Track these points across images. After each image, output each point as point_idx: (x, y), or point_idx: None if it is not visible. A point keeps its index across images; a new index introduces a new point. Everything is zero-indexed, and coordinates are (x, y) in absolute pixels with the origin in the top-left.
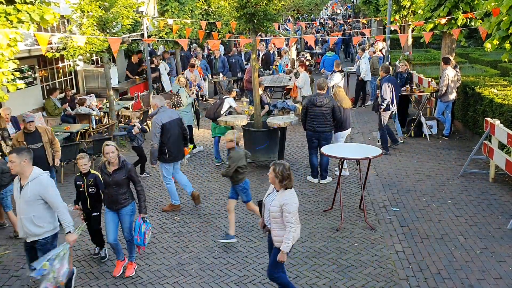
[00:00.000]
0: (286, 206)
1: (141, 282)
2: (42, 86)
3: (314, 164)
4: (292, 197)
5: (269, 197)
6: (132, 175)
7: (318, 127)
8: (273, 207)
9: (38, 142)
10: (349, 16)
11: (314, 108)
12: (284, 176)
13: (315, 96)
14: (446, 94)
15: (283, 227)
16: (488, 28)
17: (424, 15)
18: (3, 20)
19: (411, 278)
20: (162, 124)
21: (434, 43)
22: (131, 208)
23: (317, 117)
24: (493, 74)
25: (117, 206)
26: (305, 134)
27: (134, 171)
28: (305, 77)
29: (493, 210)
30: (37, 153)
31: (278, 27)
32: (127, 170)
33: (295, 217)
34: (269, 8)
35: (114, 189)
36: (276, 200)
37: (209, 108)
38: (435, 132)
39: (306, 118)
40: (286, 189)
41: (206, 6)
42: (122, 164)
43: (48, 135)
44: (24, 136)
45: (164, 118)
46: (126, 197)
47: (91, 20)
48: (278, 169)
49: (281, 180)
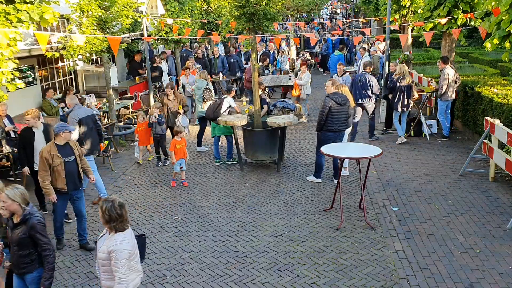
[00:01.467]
0: (114, 254)
1: (141, 281)
2: (41, 85)
3: (323, 165)
4: (123, 242)
5: (101, 239)
6: (34, 234)
7: (341, 126)
8: (100, 253)
9: (70, 155)
10: (349, 16)
11: (339, 107)
12: (112, 216)
13: (336, 95)
14: (446, 93)
15: (113, 277)
16: (488, 28)
17: (424, 14)
18: (3, 20)
19: (411, 277)
20: (79, 119)
21: (434, 43)
22: (38, 275)
23: (340, 116)
24: (493, 73)
25: (19, 270)
26: (321, 136)
27: (39, 229)
28: (308, 76)
29: (493, 210)
30: (69, 167)
31: (277, 27)
32: (29, 227)
33: (125, 267)
34: (269, 7)
35: (14, 248)
36: (105, 245)
37: (208, 108)
38: (435, 132)
39: (327, 119)
40: (116, 232)
41: (206, 5)
42: (24, 218)
43: (78, 148)
44: (57, 148)
45: (80, 114)
46: (30, 261)
47: (90, 19)
48: (105, 207)
49: (108, 221)
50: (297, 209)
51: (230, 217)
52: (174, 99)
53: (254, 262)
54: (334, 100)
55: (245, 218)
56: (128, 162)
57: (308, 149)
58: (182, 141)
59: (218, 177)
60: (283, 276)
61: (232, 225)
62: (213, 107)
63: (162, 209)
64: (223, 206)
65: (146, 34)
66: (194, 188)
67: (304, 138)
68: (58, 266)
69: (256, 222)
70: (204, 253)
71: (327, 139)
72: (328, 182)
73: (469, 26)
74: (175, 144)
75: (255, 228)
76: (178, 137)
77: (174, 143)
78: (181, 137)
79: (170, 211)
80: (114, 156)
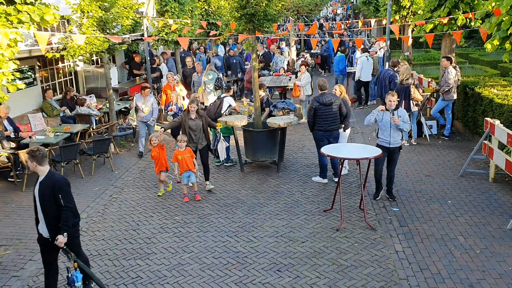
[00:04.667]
0: None
1: (141, 282)
2: (42, 86)
3: (326, 165)
4: None
5: None
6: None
7: (330, 126)
8: None
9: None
10: (349, 17)
11: (324, 107)
12: None
13: (322, 96)
14: (450, 92)
15: None
16: (489, 29)
17: (424, 15)
18: (4, 21)
19: (411, 278)
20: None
21: (434, 43)
22: None
23: (327, 116)
24: (493, 74)
25: None
26: (313, 136)
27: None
28: (307, 77)
29: (493, 210)
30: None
31: (277, 28)
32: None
33: None
34: (269, 8)
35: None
36: None
37: (209, 109)
38: (435, 132)
39: (315, 119)
40: None
41: (206, 6)
42: None
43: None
44: None
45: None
46: None
47: (91, 20)
48: None
49: None
50: (297, 210)
51: (230, 218)
52: (196, 118)
53: (254, 263)
54: (318, 101)
55: (245, 219)
56: (128, 162)
57: (309, 150)
58: (186, 151)
59: (218, 178)
60: (283, 277)
61: (232, 225)
62: (214, 108)
63: (162, 209)
64: (223, 207)
65: (146, 35)
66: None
67: (305, 138)
68: (58, 267)
69: (256, 222)
70: (204, 253)
71: (320, 138)
72: (328, 183)
73: (469, 27)
74: (177, 155)
75: (255, 229)
76: (181, 148)
77: (176, 154)
78: (185, 147)
79: (170, 211)
80: (115, 157)
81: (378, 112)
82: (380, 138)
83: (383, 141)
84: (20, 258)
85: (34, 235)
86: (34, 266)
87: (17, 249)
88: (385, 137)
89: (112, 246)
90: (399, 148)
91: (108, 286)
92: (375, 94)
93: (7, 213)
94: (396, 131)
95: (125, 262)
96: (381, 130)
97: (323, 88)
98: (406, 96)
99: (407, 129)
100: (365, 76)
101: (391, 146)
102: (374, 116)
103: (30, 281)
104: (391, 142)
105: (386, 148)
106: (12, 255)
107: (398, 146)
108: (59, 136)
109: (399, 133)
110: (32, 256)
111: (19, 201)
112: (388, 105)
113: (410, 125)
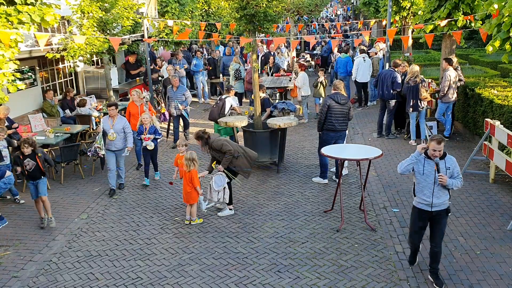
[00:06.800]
0: None
1: (141, 283)
2: (42, 87)
3: (327, 165)
4: None
5: None
6: None
7: (340, 125)
8: None
9: None
10: (349, 18)
11: (338, 106)
12: None
13: (336, 95)
14: (446, 95)
15: None
16: (489, 30)
17: (424, 16)
18: (4, 21)
19: (411, 279)
20: None
21: (434, 44)
22: None
23: (339, 116)
24: (493, 75)
25: None
26: (321, 137)
27: None
28: (304, 77)
29: (493, 211)
30: None
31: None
32: None
33: None
34: (269, 9)
35: None
36: None
37: (212, 110)
38: (435, 133)
39: (326, 118)
40: None
41: (206, 7)
42: None
43: None
44: None
45: None
46: None
47: (91, 21)
48: None
49: None
50: (297, 211)
51: (230, 218)
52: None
53: (255, 264)
54: (333, 99)
55: (245, 219)
56: (128, 163)
57: (309, 151)
58: None
59: None
60: (284, 278)
61: (232, 226)
62: (217, 109)
63: (163, 210)
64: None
65: (146, 36)
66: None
67: (305, 139)
68: (58, 267)
69: (256, 223)
70: (204, 254)
71: (328, 138)
72: (328, 184)
73: (469, 28)
74: (177, 159)
75: (255, 230)
76: (181, 152)
77: (177, 158)
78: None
79: (171, 212)
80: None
81: (418, 156)
82: (419, 197)
83: (422, 202)
84: (20, 259)
85: (34, 235)
86: (34, 267)
87: (17, 250)
88: (426, 197)
89: (112, 247)
90: (447, 211)
91: (108, 286)
92: (375, 95)
93: (7, 213)
94: (442, 188)
95: (125, 262)
96: (419, 186)
97: (337, 89)
98: (415, 95)
99: (457, 186)
100: (361, 77)
101: (435, 210)
102: (411, 162)
103: (30, 282)
104: (435, 204)
105: (427, 214)
106: (12, 256)
107: (444, 208)
108: (59, 136)
109: (446, 191)
110: (32, 257)
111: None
112: (431, 155)
113: (462, 180)
